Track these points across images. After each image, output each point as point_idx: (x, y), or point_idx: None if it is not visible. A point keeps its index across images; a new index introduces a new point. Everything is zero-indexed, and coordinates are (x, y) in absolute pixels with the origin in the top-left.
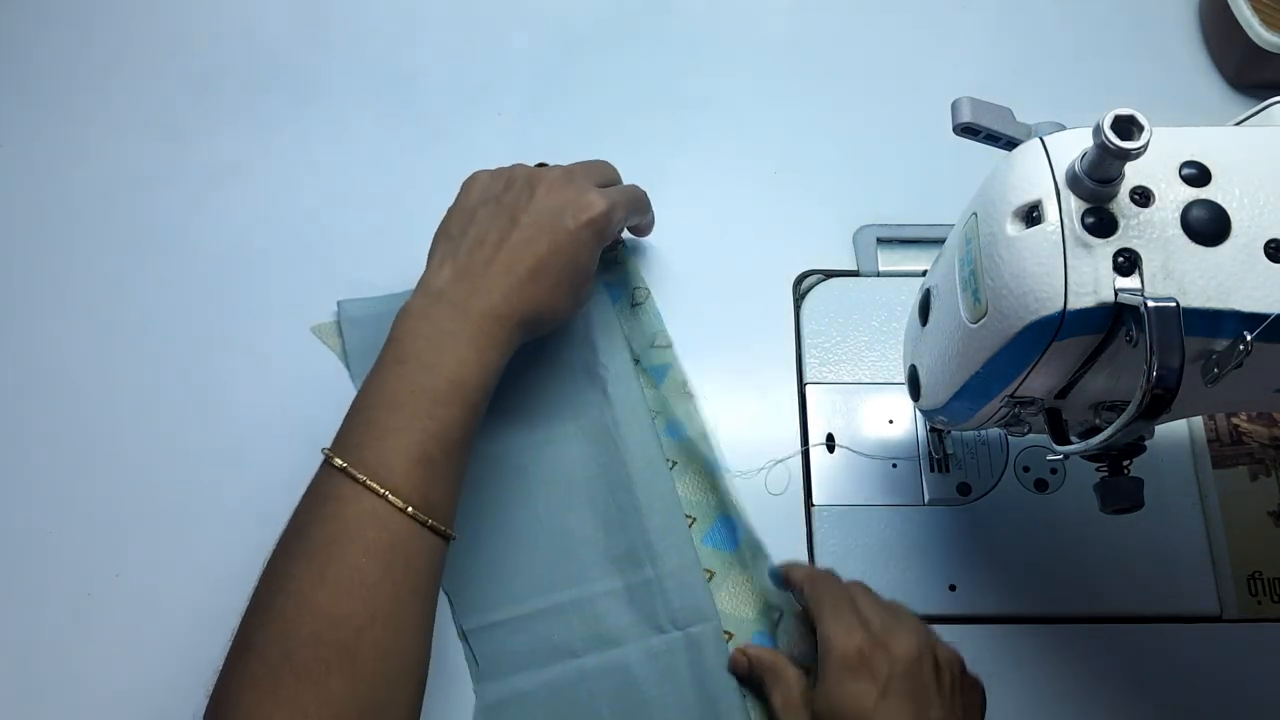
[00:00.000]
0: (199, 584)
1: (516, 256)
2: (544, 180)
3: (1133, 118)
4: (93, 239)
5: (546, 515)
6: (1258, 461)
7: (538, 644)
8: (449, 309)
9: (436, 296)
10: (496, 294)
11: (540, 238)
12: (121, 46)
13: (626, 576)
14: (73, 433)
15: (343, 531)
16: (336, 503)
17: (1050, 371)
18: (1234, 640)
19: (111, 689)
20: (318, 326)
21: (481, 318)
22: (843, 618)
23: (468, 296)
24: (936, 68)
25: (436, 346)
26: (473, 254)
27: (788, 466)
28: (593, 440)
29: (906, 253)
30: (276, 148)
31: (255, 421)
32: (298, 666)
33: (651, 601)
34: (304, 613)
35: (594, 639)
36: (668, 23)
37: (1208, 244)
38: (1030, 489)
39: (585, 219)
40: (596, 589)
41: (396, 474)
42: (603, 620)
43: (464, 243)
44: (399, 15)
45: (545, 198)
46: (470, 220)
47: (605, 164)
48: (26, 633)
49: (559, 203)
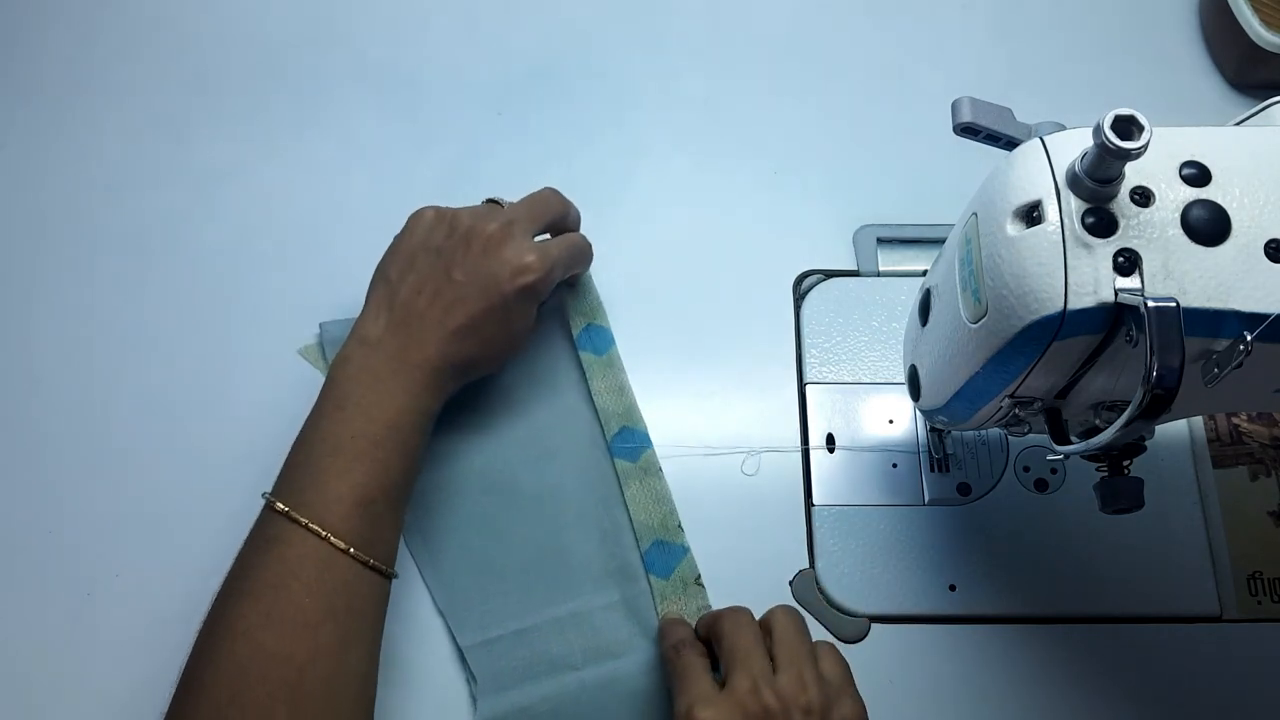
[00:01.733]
0: (199, 584)
1: (449, 313)
2: (481, 236)
3: (1133, 118)
4: (93, 239)
5: (541, 531)
6: (1258, 461)
7: (537, 659)
8: (385, 358)
9: (374, 346)
10: (430, 347)
11: (474, 297)
12: (123, 47)
13: (623, 589)
14: (73, 432)
15: (287, 573)
16: (280, 545)
17: (1050, 371)
18: (1234, 640)
19: (111, 689)
20: (304, 349)
21: (416, 367)
22: (752, 667)
23: (402, 347)
24: (936, 68)
25: (374, 392)
26: (409, 305)
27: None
28: (583, 456)
29: (906, 253)
30: (277, 148)
31: (256, 421)
32: (245, 705)
33: (648, 613)
34: (251, 652)
35: (593, 652)
36: (668, 23)
37: (1208, 244)
38: (1030, 489)
39: (520, 284)
40: (594, 603)
41: (337, 516)
42: (601, 633)
43: (401, 290)
44: (399, 16)
45: (482, 257)
46: (409, 267)
47: (551, 200)
48: (26, 633)
49: (495, 264)
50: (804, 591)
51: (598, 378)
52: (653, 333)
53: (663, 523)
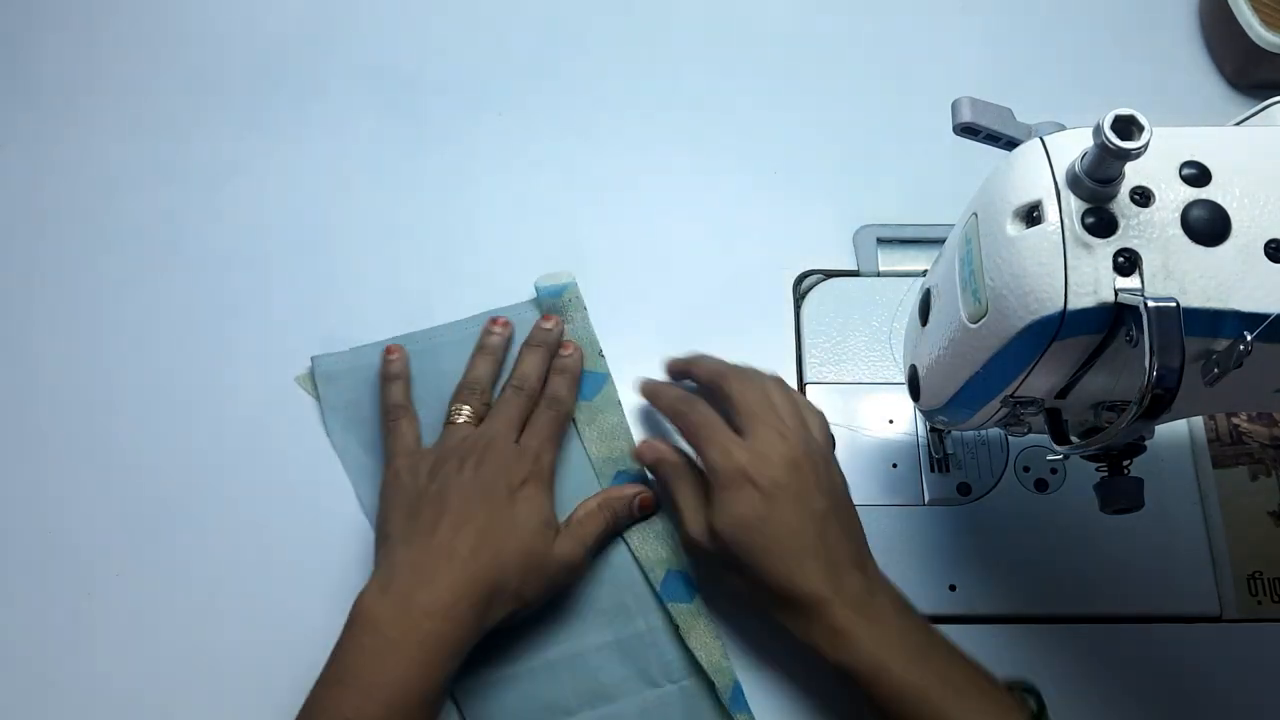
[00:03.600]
0: (199, 584)
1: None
2: (484, 502)
3: (1133, 118)
4: (93, 239)
5: None
6: (1258, 461)
7: (529, 703)
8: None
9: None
10: (445, 594)
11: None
12: (123, 48)
13: (617, 629)
14: (73, 432)
15: None
16: None
17: (1050, 371)
18: (1234, 640)
19: (111, 689)
20: (300, 377)
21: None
22: (719, 441)
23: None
24: (936, 68)
25: (379, 664)
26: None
27: None
28: (576, 492)
29: (906, 253)
30: (277, 148)
31: (256, 421)
32: None
33: (645, 654)
34: None
35: (587, 695)
36: (668, 23)
37: (1208, 244)
38: (1030, 489)
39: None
40: (588, 643)
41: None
42: (596, 676)
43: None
44: (399, 16)
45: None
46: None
47: (550, 417)
48: (27, 633)
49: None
50: None
51: (588, 424)
52: (653, 333)
53: (674, 554)
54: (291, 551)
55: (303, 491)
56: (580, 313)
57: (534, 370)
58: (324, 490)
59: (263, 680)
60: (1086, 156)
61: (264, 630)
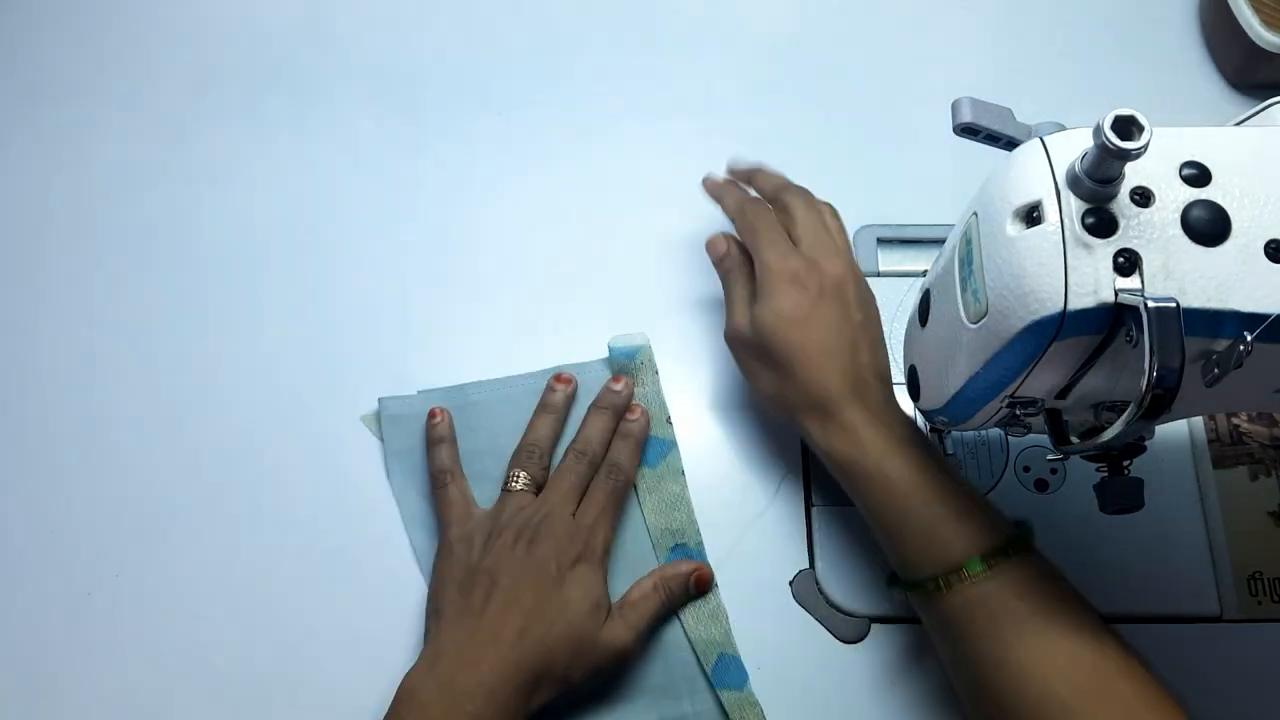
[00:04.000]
0: (199, 584)
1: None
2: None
3: (1133, 118)
4: (93, 239)
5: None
6: (1258, 461)
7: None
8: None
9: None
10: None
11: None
12: (122, 47)
13: (664, 710)
14: (73, 433)
15: None
16: None
17: (1050, 371)
18: (1234, 640)
19: (111, 689)
20: (365, 416)
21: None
22: (778, 245)
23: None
24: (936, 68)
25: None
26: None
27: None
28: (634, 570)
29: (906, 253)
30: (276, 147)
31: (255, 421)
32: None
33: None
34: None
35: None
36: (668, 23)
37: (1208, 244)
38: (1030, 489)
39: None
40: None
41: None
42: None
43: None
44: (399, 15)
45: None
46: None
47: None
48: (26, 633)
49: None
50: (804, 592)
51: (649, 493)
52: (653, 333)
53: (727, 636)
54: (292, 551)
55: (302, 490)
56: (652, 376)
57: (598, 435)
58: (324, 491)
59: (262, 680)
60: (1086, 156)
61: (263, 630)
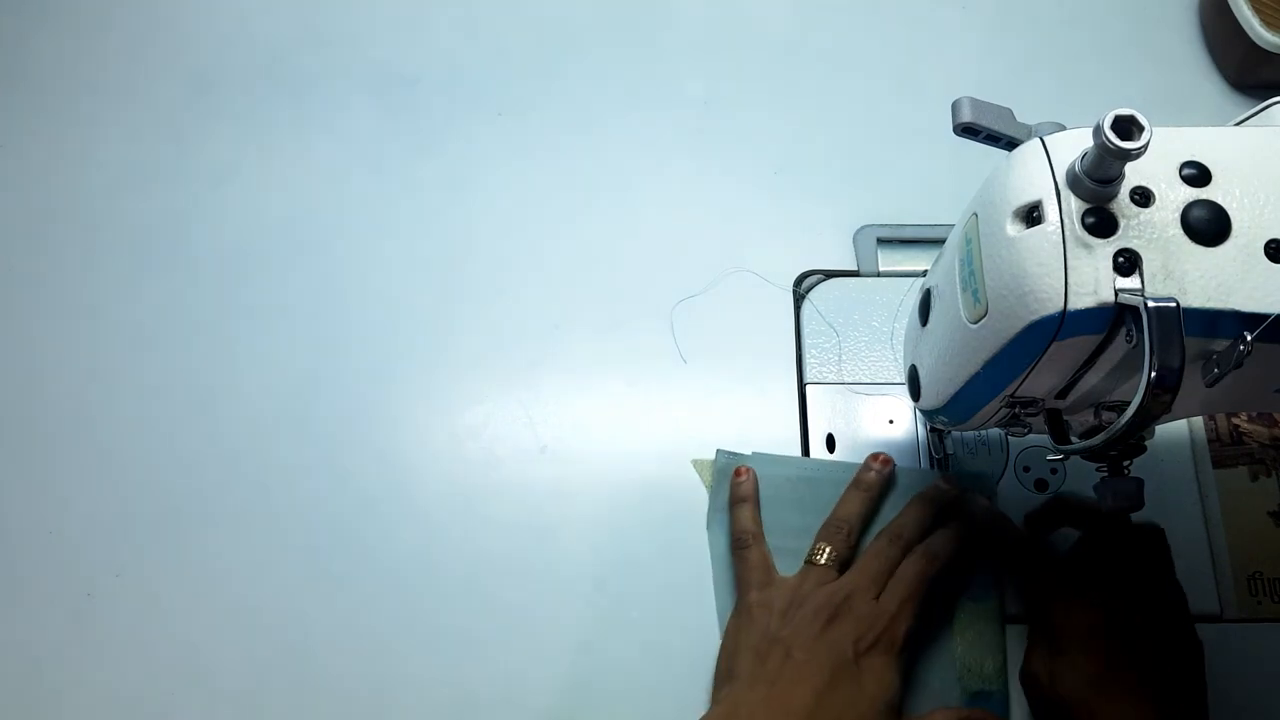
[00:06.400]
0: (199, 584)
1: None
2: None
3: (1133, 118)
4: (93, 239)
5: None
6: (1258, 461)
7: None
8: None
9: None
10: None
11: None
12: (122, 48)
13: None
14: (73, 433)
15: None
16: None
17: (1050, 371)
18: (1234, 640)
19: (111, 689)
20: (698, 462)
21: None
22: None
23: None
24: (936, 68)
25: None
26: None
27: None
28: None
29: (906, 253)
30: (276, 148)
31: (255, 421)
32: None
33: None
34: None
35: None
36: (668, 23)
37: (1208, 244)
38: (1030, 489)
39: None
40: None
41: None
42: None
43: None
44: (399, 16)
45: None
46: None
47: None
48: (26, 633)
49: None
50: None
51: (966, 627)
52: (653, 333)
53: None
54: (291, 550)
55: (302, 491)
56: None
57: (916, 523)
58: (324, 492)
59: (263, 680)
60: (1086, 156)
61: (263, 630)
